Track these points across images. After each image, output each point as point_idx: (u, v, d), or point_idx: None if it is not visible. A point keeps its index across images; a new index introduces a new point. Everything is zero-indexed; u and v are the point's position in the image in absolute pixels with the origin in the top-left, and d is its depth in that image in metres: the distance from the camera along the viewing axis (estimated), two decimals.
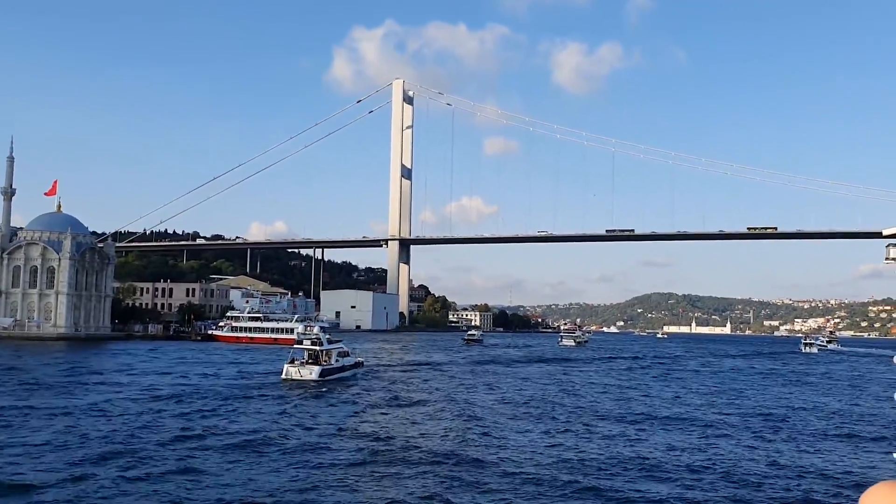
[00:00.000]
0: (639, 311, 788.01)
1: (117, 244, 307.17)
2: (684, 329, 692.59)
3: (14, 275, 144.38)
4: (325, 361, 70.79)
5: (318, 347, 71.05)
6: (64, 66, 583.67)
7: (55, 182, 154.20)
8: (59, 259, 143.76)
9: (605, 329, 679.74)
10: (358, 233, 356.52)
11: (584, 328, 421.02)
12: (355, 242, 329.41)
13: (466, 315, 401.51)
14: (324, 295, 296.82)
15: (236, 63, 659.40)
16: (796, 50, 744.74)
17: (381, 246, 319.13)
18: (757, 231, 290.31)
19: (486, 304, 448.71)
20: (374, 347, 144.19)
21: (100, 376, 69.72)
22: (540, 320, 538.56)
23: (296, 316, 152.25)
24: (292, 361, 69.56)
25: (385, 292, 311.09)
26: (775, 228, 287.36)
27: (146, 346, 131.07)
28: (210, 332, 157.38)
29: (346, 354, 77.69)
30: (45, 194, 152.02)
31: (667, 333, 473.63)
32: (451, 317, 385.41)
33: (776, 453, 37.31)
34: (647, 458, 34.62)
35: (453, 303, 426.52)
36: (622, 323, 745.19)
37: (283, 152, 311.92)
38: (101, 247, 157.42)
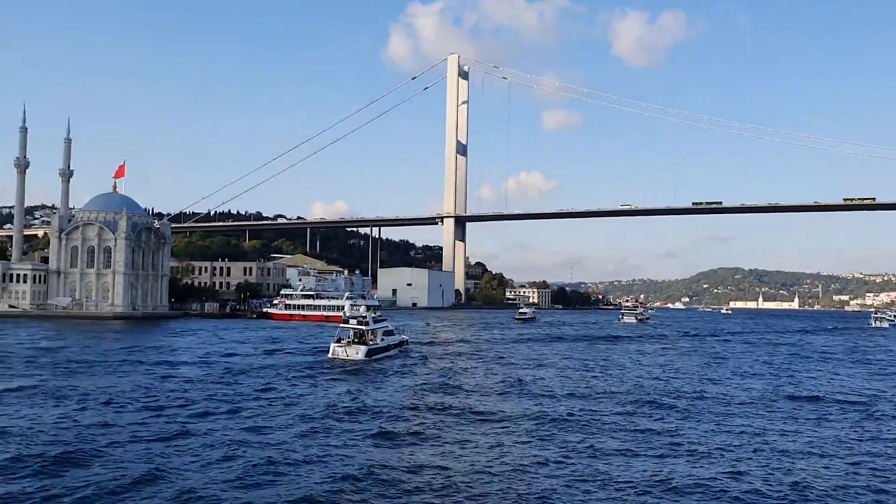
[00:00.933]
0: (704, 286, 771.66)
1: (182, 225, 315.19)
2: (751, 304, 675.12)
3: (72, 255, 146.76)
4: (371, 341, 69.41)
5: (363, 327, 69.58)
6: (127, 47, 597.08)
7: (123, 164, 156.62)
8: (115, 239, 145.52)
9: (669, 305, 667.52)
10: (415, 211, 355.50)
11: (647, 304, 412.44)
12: (411, 220, 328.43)
13: (524, 292, 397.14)
14: (380, 273, 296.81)
15: (295, 43, 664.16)
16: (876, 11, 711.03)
17: (436, 223, 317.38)
18: (854, 202, 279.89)
19: (544, 281, 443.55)
20: (423, 325, 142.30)
21: (153, 353, 69.95)
22: (601, 297, 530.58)
23: (346, 294, 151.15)
24: (339, 341, 68.25)
25: (441, 270, 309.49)
26: (873, 199, 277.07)
27: (200, 323, 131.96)
28: (265, 309, 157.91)
29: (391, 333, 76.38)
30: (114, 176, 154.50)
31: (731, 309, 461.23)
32: (508, 294, 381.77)
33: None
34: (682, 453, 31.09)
35: (511, 280, 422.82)
36: (687, 299, 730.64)
37: (341, 131, 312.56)
38: (157, 227, 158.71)
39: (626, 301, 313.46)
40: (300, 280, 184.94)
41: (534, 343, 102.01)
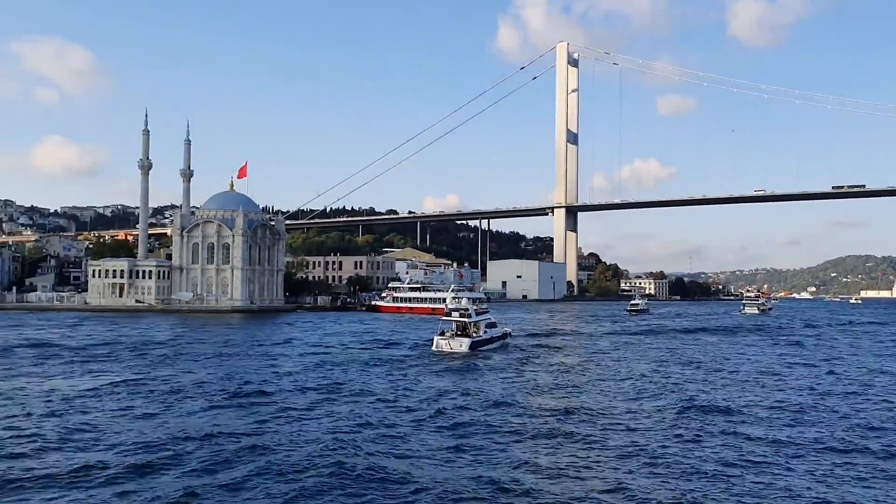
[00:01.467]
0: (832, 275, 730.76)
1: (300, 221, 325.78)
2: (884, 293, 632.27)
3: (193, 252, 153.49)
4: (475, 333, 69.10)
5: (466, 319, 69.28)
6: (243, 49, 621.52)
7: (245, 164, 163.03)
8: (233, 235, 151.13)
9: (794, 295, 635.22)
10: (525, 202, 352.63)
11: (771, 295, 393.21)
12: (520, 211, 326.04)
13: (640, 283, 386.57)
14: (490, 265, 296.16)
15: (404, 40, 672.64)
16: None
17: (546, 214, 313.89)
18: None
19: (661, 272, 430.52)
20: (530, 317, 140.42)
21: (269, 345, 71.83)
22: (721, 287, 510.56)
23: (451, 286, 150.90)
24: (442, 333, 68.14)
25: (552, 262, 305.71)
26: None
27: (312, 316, 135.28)
28: (373, 302, 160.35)
29: (493, 325, 75.80)
30: (238, 176, 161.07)
31: (861, 299, 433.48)
32: (623, 285, 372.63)
33: None
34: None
35: (626, 271, 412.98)
36: (813, 288, 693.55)
37: (451, 125, 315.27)
38: (272, 223, 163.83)
39: (748, 291, 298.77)
40: (406, 273, 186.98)
41: (644, 335, 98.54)
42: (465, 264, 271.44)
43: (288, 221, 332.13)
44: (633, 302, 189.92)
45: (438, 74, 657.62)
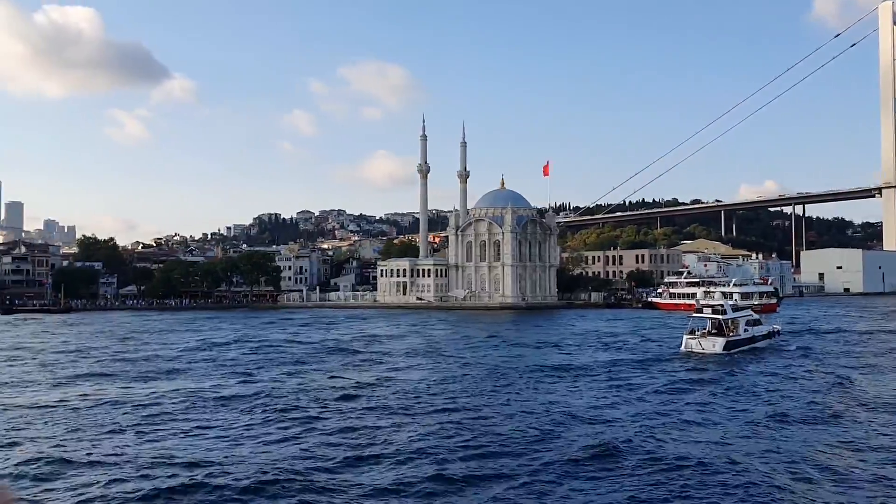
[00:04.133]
0: None
1: (593, 217, 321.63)
2: None
3: (467, 250, 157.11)
4: (731, 332, 61.47)
5: (719, 316, 62.01)
6: (513, 51, 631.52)
7: (547, 163, 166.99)
8: (502, 233, 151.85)
9: None
10: (848, 184, 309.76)
11: None
12: (839, 194, 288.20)
13: None
14: (804, 255, 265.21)
15: (702, 20, 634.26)
16: None
17: (873, 196, 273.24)
18: None
19: None
20: (843, 313, 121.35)
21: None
22: None
23: (733, 280, 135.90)
24: (692, 332, 61.56)
25: (882, 250, 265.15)
26: None
27: (578, 313, 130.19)
28: (650, 298, 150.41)
29: (756, 323, 66.77)
30: (544, 175, 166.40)
31: None
32: None
33: None
34: None
35: None
36: None
37: (757, 105, 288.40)
38: (543, 219, 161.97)
39: None
40: (703, 265, 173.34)
41: None
42: (774, 255, 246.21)
43: (581, 217, 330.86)
44: None
45: (744, 51, 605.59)
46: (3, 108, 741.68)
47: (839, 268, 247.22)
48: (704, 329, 61.42)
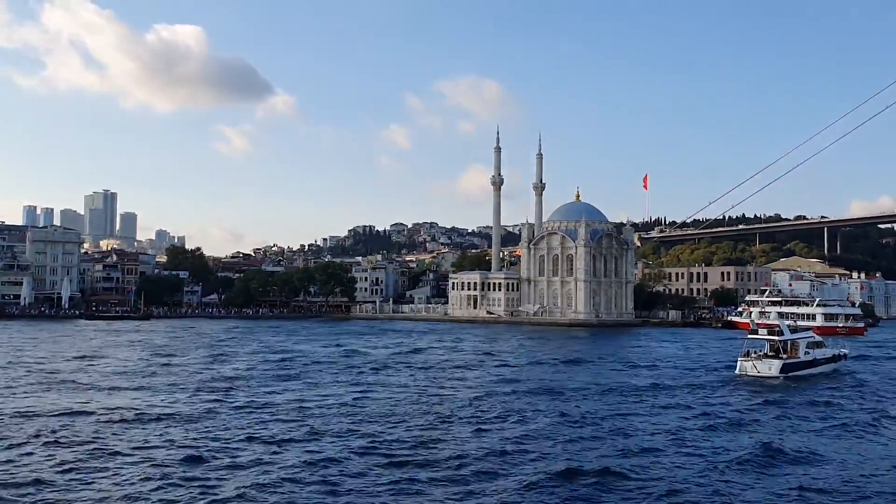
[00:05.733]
0: None
1: (686, 232, 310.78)
2: None
3: (540, 263, 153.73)
4: (791, 354, 57.90)
5: (776, 338, 58.72)
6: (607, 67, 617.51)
7: (646, 176, 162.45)
8: (576, 247, 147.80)
9: None
10: None
11: None
12: None
13: None
14: None
15: (810, 28, 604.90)
16: None
17: None
18: None
19: None
20: None
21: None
22: None
23: (816, 300, 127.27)
24: (747, 354, 58.05)
25: None
26: None
27: (654, 332, 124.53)
28: (730, 318, 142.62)
29: (819, 345, 62.24)
30: (644, 188, 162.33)
31: None
32: None
33: None
34: None
35: None
36: None
37: (863, 118, 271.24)
38: (619, 233, 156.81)
39: None
40: (790, 285, 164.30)
41: None
42: (878, 274, 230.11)
43: (675, 233, 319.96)
44: None
45: (847, 64, 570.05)
46: (117, 123, 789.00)
47: None
48: (762, 351, 57.90)
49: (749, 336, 61.18)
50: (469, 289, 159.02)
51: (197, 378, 50.72)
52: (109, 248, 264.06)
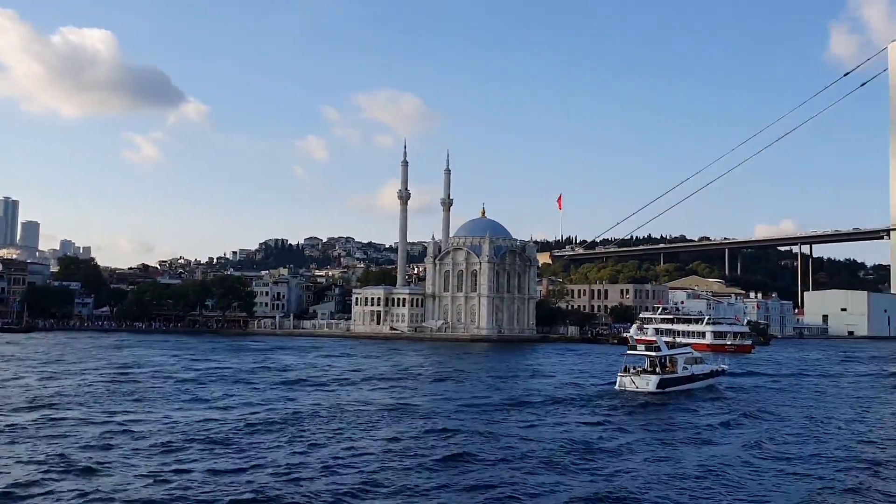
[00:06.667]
0: None
1: (594, 252, 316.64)
2: None
3: (444, 279, 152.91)
4: (668, 369, 58.31)
5: (654, 353, 58.95)
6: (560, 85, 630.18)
7: (560, 196, 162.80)
8: (480, 262, 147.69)
9: None
10: (861, 223, 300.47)
11: None
12: (845, 235, 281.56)
13: None
14: (808, 296, 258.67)
15: (729, 59, 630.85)
16: None
17: (881, 237, 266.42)
18: None
19: None
20: (825, 356, 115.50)
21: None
22: None
23: (706, 318, 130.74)
24: (626, 370, 58.16)
25: (890, 293, 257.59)
26: None
27: (551, 348, 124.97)
28: (624, 334, 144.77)
29: (697, 361, 63.15)
30: (559, 208, 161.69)
31: None
32: None
33: None
34: None
35: None
36: None
37: (768, 140, 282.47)
38: (524, 251, 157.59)
39: None
40: (682, 303, 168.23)
41: None
42: (774, 294, 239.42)
43: (584, 252, 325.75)
44: None
45: (763, 86, 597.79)
46: (20, 127, 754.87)
47: (843, 310, 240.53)
48: (640, 367, 58.34)
49: (628, 352, 61.00)
50: (373, 304, 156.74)
51: None
52: (3, 258, 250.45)
